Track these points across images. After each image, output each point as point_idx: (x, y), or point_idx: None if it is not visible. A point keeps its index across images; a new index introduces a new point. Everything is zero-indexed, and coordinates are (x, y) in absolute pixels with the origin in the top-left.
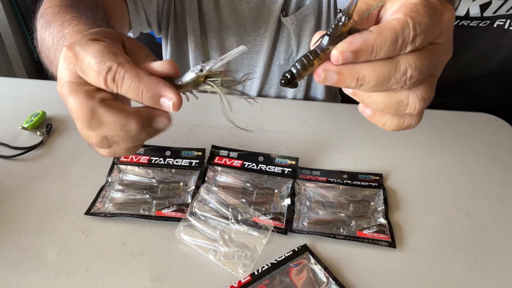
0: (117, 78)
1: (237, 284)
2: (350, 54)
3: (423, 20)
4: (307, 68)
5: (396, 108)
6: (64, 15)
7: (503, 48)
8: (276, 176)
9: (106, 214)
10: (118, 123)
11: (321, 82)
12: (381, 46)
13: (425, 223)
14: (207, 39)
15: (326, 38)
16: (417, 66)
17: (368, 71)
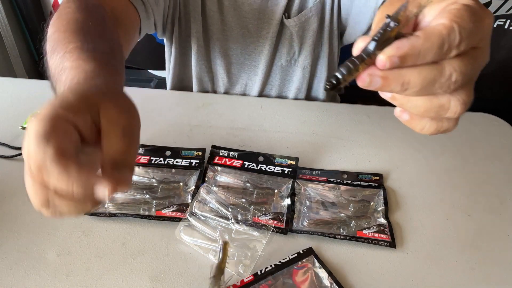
0: (45, 170)
1: (240, 284)
2: (397, 59)
3: (467, 25)
4: (352, 73)
5: (437, 112)
6: (67, 44)
7: (503, 48)
8: (276, 176)
9: (106, 214)
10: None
11: (365, 86)
12: (428, 51)
13: (425, 223)
14: (210, 42)
15: (372, 43)
16: (461, 70)
17: (414, 75)
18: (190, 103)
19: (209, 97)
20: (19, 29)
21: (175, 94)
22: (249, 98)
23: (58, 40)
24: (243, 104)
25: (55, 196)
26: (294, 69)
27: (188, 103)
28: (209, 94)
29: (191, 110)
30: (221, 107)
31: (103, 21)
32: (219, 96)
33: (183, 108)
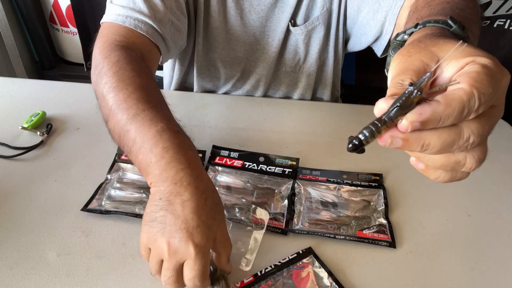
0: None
1: (240, 284)
2: (418, 124)
3: (486, 91)
4: (374, 136)
5: (452, 167)
6: (154, 119)
7: (503, 48)
8: (276, 177)
9: (102, 211)
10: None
11: (385, 146)
12: (448, 117)
13: (425, 223)
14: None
15: (395, 110)
16: (479, 132)
17: (434, 138)
18: (190, 103)
19: (209, 97)
20: (19, 29)
21: (175, 94)
22: (249, 99)
23: (139, 112)
24: (244, 104)
25: None
26: (299, 76)
27: (188, 103)
28: (209, 94)
29: (191, 110)
30: (221, 107)
31: (156, 83)
32: (219, 96)
33: (183, 108)
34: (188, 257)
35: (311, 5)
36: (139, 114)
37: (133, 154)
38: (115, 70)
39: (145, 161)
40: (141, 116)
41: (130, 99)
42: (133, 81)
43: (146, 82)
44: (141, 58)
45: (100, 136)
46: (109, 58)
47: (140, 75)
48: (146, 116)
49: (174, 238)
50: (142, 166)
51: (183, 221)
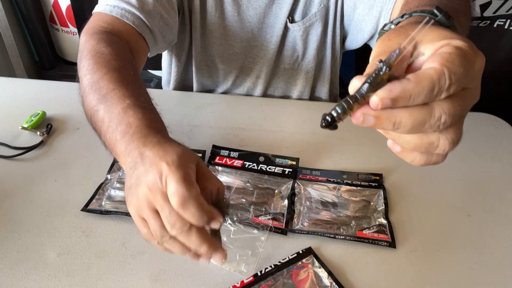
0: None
1: (240, 284)
2: (389, 101)
3: (458, 70)
4: (346, 112)
5: (427, 148)
6: (122, 97)
7: (503, 48)
8: (276, 176)
9: (102, 211)
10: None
11: (358, 124)
12: (418, 94)
13: (425, 223)
14: (211, 48)
15: (366, 86)
16: (450, 112)
17: (405, 116)
18: (190, 103)
19: (209, 97)
20: (19, 29)
21: (175, 94)
22: (249, 98)
23: (109, 91)
24: (243, 104)
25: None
26: (297, 73)
27: (188, 103)
28: (209, 94)
29: (191, 110)
30: (221, 107)
31: (135, 66)
32: (219, 96)
33: (183, 108)
34: (166, 176)
35: (308, 1)
36: (108, 94)
37: (103, 134)
38: (93, 53)
39: (112, 140)
40: (110, 95)
41: (103, 80)
42: (108, 63)
43: (122, 64)
44: (123, 44)
45: None
46: (90, 42)
47: (116, 58)
48: (115, 94)
49: (148, 177)
50: (110, 145)
51: (151, 164)
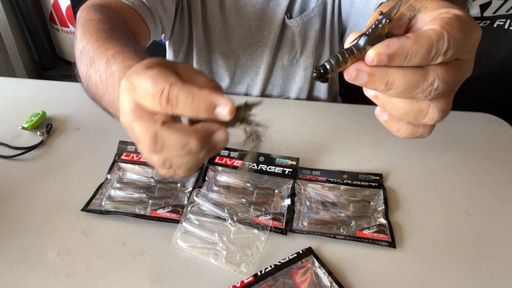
0: (171, 98)
1: (240, 284)
2: (385, 57)
3: (457, 35)
4: (340, 65)
5: (415, 116)
6: (106, 51)
7: (503, 48)
8: (276, 176)
9: (102, 212)
10: (180, 143)
11: (351, 80)
12: (415, 53)
13: (425, 223)
14: (211, 43)
15: (363, 38)
16: (444, 78)
17: (398, 76)
18: None
19: None
20: (19, 29)
21: None
22: (249, 98)
23: (95, 50)
24: None
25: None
26: (296, 69)
27: None
28: None
29: None
30: None
31: (128, 30)
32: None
33: None
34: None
35: None
36: (94, 53)
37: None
38: (83, 22)
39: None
40: (96, 54)
41: (89, 43)
42: (96, 27)
43: (111, 26)
44: (116, 15)
45: (100, 136)
46: (81, 14)
47: (106, 22)
48: (101, 52)
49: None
50: (112, 106)
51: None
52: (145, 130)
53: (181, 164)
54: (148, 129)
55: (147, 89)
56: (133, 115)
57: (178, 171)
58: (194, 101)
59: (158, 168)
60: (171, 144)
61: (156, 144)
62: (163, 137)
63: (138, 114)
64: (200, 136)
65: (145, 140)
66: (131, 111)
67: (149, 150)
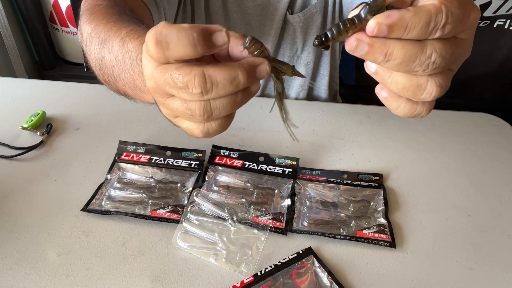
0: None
1: (240, 284)
2: (385, 27)
3: (455, 11)
4: (341, 33)
5: (414, 92)
6: (119, 30)
7: (503, 48)
8: (276, 176)
9: (102, 212)
10: (228, 77)
11: (351, 51)
12: (414, 25)
13: (425, 223)
14: None
15: (365, 9)
16: (441, 52)
17: (397, 48)
18: None
19: None
20: (19, 29)
21: None
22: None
23: (107, 31)
24: None
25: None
26: (297, 66)
27: None
28: None
29: None
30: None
31: (135, 15)
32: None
33: None
34: None
35: None
36: (106, 34)
37: (118, 78)
38: (90, 7)
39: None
40: (109, 34)
41: (100, 25)
42: (105, 11)
43: (120, 10)
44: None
45: (100, 136)
46: (88, 1)
47: (114, 6)
48: (113, 32)
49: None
50: (130, 82)
51: None
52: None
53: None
54: (193, 70)
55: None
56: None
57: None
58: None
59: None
60: (220, 79)
61: (205, 82)
62: (210, 74)
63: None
64: (246, 68)
65: (193, 82)
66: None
67: (197, 93)
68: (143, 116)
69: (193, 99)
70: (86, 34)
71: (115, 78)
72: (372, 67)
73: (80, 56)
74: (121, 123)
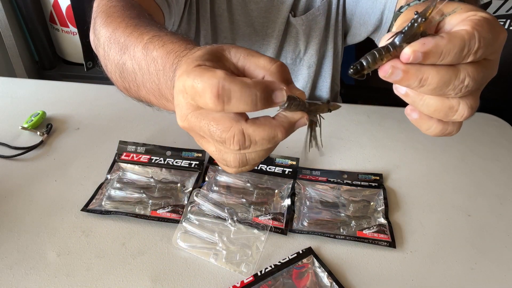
0: (222, 93)
1: (240, 284)
2: (420, 54)
3: (487, 35)
4: (376, 62)
5: (446, 113)
6: (140, 36)
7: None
8: (276, 176)
9: (102, 212)
10: (267, 137)
11: (385, 77)
12: (449, 52)
13: (425, 223)
14: (217, 40)
15: (399, 36)
16: (474, 76)
17: (432, 74)
18: None
19: None
20: (19, 29)
21: None
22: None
23: (127, 36)
24: None
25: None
26: (299, 68)
27: None
28: None
29: None
30: None
31: (152, 17)
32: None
33: None
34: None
35: None
36: (127, 39)
37: (141, 86)
38: (105, 9)
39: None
40: (129, 39)
41: (119, 29)
42: (122, 13)
43: (137, 12)
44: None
45: (100, 136)
46: (101, 2)
47: (130, 8)
48: (134, 37)
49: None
50: (155, 92)
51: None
52: (229, 129)
53: (256, 160)
54: (232, 127)
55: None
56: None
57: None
58: (251, 92)
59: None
60: (259, 139)
61: (245, 141)
62: (250, 134)
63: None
64: (285, 127)
65: (232, 140)
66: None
67: (235, 150)
68: (143, 116)
69: (229, 152)
70: (104, 38)
71: (138, 86)
72: (403, 90)
73: (80, 56)
74: (121, 123)
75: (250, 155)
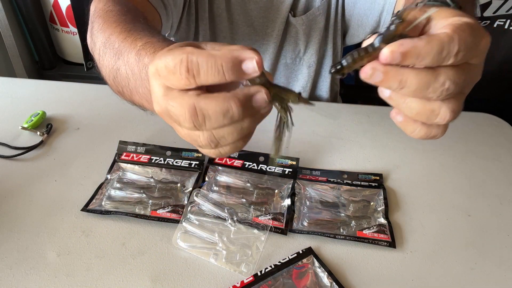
0: (191, 67)
1: (240, 284)
2: (399, 55)
3: (467, 39)
4: (356, 61)
5: (428, 116)
6: (134, 42)
7: (503, 48)
8: (276, 176)
9: (102, 212)
10: (220, 110)
11: (366, 79)
12: (427, 54)
13: (425, 223)
14: (216, 40)
15: (378, 37)
16: (454, 79)
17: (411, 75)
18: None
19: None
20: (19, 29)
21: None
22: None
23: (120, 41)
24: None
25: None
26: (299, 67)
27: None
28: None
29: None
30: None
31: (147, 21)
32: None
33: None
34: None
35: None
36: (121, 45)
37: (134, 92)
38: (101, 13)
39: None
40: (123, 45)
41: (113, 34)
42: (118, 18)
43: (132, 16)
44: (133, 5)
45: (100, 136)
46: (97, 6)
47: (126, 13)
48: (127, 43)
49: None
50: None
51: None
52: (181, 105)
53: (227, 138)
54: (184, 103)
55: (168, 66)
56: (166, 98)
57: (226, 149)
58: (216, 63)
59: (205, 150)
60: (211, 112)
61: (197, 116)
62: (201, 107)
63: (170, 96)
64: (239, 99)
65: (185, 116)
66: (163, 95)
67: (191, 127)
68: (143, 116)
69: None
70: (100, 43)
71: (131, 91)
72: (386, 93)
73: (80, 56)
74: (121, 123)
75: (218, 133)
